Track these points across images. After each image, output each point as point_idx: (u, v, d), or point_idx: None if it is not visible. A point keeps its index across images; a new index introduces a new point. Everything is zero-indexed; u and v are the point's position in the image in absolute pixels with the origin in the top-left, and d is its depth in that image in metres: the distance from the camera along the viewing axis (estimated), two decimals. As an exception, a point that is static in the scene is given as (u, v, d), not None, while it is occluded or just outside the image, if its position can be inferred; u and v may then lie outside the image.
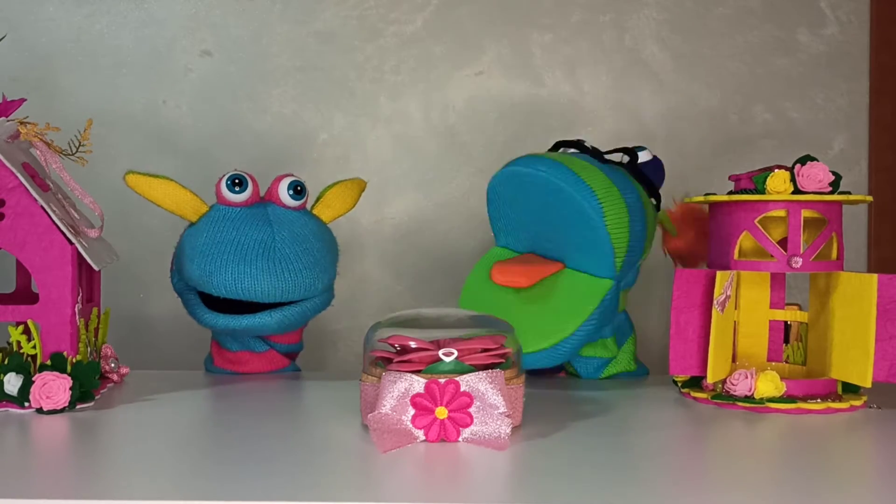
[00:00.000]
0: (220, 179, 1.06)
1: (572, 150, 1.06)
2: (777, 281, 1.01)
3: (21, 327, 0.91)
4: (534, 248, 1.04)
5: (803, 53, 1.36)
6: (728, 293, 0.93)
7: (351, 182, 1.13)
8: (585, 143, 1.05)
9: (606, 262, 0.98)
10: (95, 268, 0.94)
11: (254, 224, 1.04)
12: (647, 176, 1.06)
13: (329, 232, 1.10)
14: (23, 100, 0.96)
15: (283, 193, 1.07)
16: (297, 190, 1.07)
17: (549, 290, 0.99)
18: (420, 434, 0.76)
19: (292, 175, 1.09)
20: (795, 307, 1.02)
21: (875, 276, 0.91)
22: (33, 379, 0.87)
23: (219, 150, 1.34)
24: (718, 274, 0.93)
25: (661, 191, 1.08)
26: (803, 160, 0.93)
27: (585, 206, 0.96)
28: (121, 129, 1.34)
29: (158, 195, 1.05)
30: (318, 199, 1.11)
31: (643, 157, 1.08)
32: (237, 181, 1.06)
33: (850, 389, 0.95)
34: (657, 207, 1.07)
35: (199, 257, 1.02)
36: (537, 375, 1.08)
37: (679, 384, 0.99)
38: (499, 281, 1.00)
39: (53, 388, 0.87)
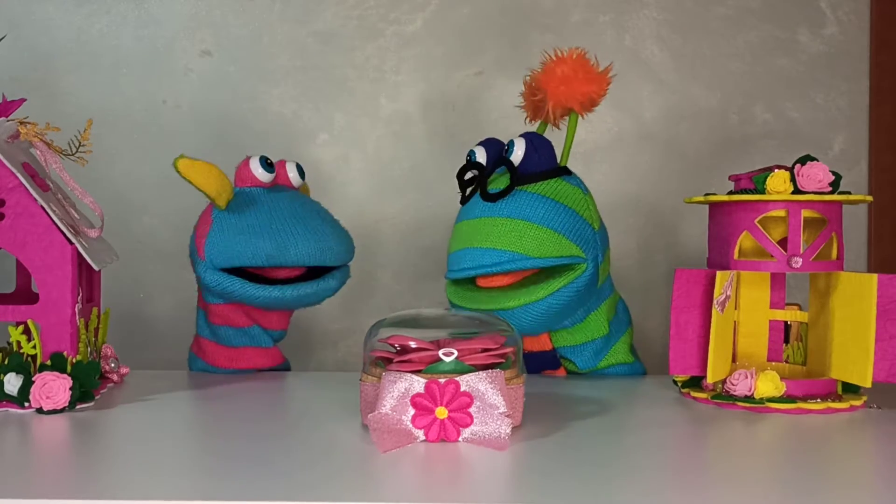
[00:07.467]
0: (247, 163, 1.08)
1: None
2: (777, 281, 1.01)
3: (21, 327, 0.91)
4: None
5: (803, 53, 1.36)
6: (728, 293, 0.93)
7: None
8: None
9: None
10: (95, 268, 0.94)
11: (295, 198, 1.09)
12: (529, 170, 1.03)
13: None
14: (23, 100, 0.96)
15: (293, 174, 1.11)
16: (269, 163, 1.09)
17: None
18: (420, 434, 0.76)
19: (285, 160, 1.12)
20: (795, 307, 1.02)
21: (875, 276, 0.91)
22: (33, 379, 0.87)
23: (219, 150, 1.34)
24: (718, 274, 0.93)
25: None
26: (803, 160, 0.93)
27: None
28: (121, 129, 1.34)
29: (203, 179, 1.04)
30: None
31: (517, 153, 1.04)
32: (268, 161, 1.09)
33: (850, 389, 0.95)
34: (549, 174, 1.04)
35: (265, 233, 1.04)
36: (536, 374, 1.08)
37: (679, 384, 0.99)
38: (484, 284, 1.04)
39: (53, 388, 0.87)
